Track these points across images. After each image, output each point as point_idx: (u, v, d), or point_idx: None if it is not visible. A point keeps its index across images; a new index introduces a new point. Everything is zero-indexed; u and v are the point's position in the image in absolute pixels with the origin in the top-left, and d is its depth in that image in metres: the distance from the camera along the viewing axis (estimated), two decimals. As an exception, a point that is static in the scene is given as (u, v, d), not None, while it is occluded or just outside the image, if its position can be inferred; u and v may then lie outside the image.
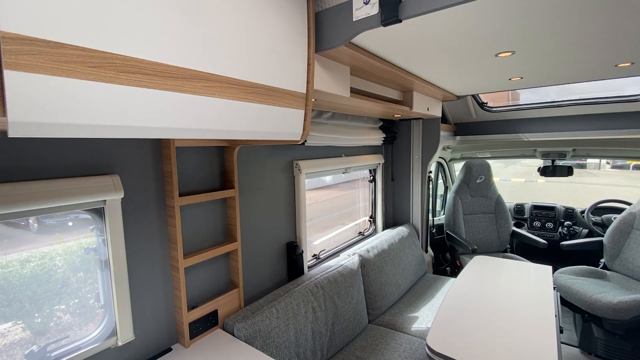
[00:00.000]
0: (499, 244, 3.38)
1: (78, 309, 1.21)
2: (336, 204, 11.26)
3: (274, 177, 1.86)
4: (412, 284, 2.75)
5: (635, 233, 2.68)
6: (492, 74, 1.91)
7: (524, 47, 1.38)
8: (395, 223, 3.23)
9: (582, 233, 3.44)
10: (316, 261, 2.28)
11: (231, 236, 1.60)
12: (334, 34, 1.15)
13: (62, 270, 1.17)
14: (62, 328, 1.18)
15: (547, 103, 2.99)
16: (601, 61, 1.65)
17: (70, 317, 1.20)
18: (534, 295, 1.88)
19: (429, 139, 2.99)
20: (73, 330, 1.20)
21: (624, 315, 2.20)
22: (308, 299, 1.76)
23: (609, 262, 2.81)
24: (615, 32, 1.21)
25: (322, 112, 2.11)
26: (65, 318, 1.20)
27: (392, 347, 1.90)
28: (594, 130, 2.81)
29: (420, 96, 2.38)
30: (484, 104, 3.29)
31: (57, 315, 1.18)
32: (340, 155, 2.48)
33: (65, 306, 1.21)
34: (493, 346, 1.42)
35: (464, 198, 3.44)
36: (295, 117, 1.18)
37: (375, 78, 1.89)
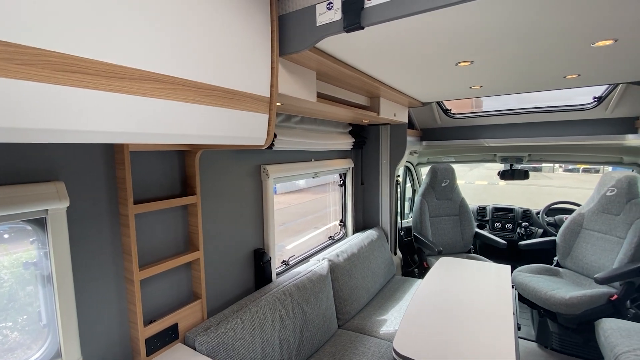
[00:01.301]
0: (463, 245, 3.51)
1: (26, 326, 1.10)
2: (309, 207, 11.23)
3: (240, 182, 1.81)
4: (381, 287, 2.78)
5: (584, 232, 2.90)
6: (454, 82, 1.99)
7: (482, 58, 1.45)
8: (365, 226, 3.26)
9: (538, 233, 3.67)
10: (285, 267, 2.24)
11: (193, 245, 1.52)
12: (297, 38, 1.14)
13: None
14: (8, 348, 1.07)
15: (505, 110, 3.17)
16: (551, 73, 1.77)
17: (19, 334, 1.09)
18: (494, 294, 1.96)
19: (396, 144, 3.05)
20: (22, 349, 1.09)
21: (575, 310, 2.36)
22: (275, 307, 1.71)
23: (561, 260, 3.00)
24: (563, 47, 1.30)
25: (291, 116, 2.08)
26: (12, 336, 1.09)
27: (360, 351, 1.90)
28: (547, 136, 3.01)
29: (387, 102, 2.43)
30: (448, 111, 3.43)
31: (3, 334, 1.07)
32: (309, 159, 2.46)
33: (13, 323, 1.09)
34: (456, 345, 1.46)
35: (430, 201, 3.54)
36: (259, 121, 1.15)
37: (342, 84, 1.90)
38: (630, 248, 2.43)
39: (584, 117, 2.89)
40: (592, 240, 2.81)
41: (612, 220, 2.70)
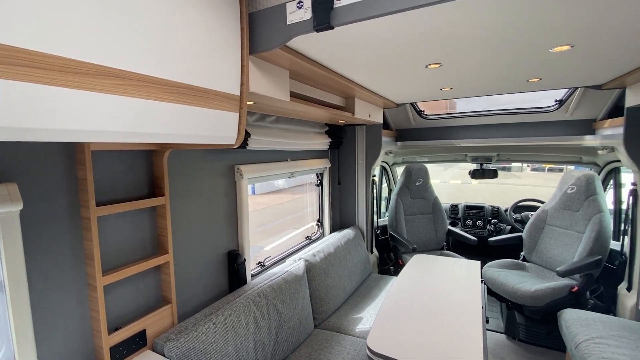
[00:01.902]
0: (437, 242, 3.62)
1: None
2: (289, 207, 11.16)
3: (212, 182, 1.77)
4: (357, 285, 2.80)
5: (547, 228, 3.06)
6: (425, 84, 2.04)
7: (451, 60, 1.49)
8: (342, 226, 3.28)
9: (506, 229, 3.84)
10: (261, 269, 2.21)
11: (162, 248, 1.47)
12: (268, 36, 1.13)
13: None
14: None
15: (475, 112, 3.29)
16: (515, 76, 1.85)
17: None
18: (465, 289, 2.03)
19: (372, 144, 3.10)
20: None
21: (539, 302, 2.48)
22: (250, 309, 1.69)
23: (527, 255, 3.16)
24: (524, 51, 1.36)
25: (265, 116, 2.06)
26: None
27: (336, 350, 1.91)
28: (513, 137, 3.15)
29: (362, 103, 2.46)
30: (422, 112, 3.52)
31: None
32: (285, 159, 2.45)
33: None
34: (427, 340, 1.49)
35: (404, 200, 3.62)
36: (229, 120, 1.12)
37: (317, 84, 1.90)
38: (589, 242, 2.58)
39: (547, 119, 3.05)
40: (555, 235, 2.97)
41: (573, 216, 2.87)
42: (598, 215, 2.63)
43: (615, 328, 2.03)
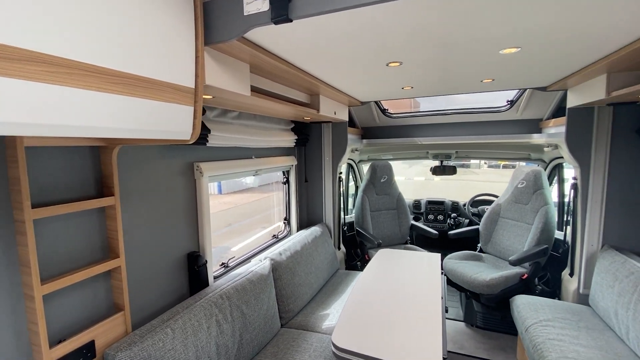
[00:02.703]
0: (401, 237, 3.73)
1: None
2: (257, 206, 10.92)
3: (169, 181, 1.67)
4: (325, 282, 2.81)
5: (501, 220, 3.26)
6: (387, 83, 2.08)
7: (410, 59, 1.53)
8: (309, 223, 3.27)
9: (465, 223, 4.05)
10: (224, 270, 2.14)
11: (112, 252, 1.37)
12: (224, 26, 1.08)
13: None
14: None
15: (435, 111, 3.43)
16: (470, 76, 1.94)
17: None
18: (426, 281, 2.10)
19: (338, 142, 3.11)
20: None
21: (494, 290, 2.64)
22: (211, 312, 1.63)
23: (483, 246, 3.35)
24: (476, 52, 1.43)
25: (227, 111, 1.99)
26: None
27: (303, 348, 1.90)
28: (470, 135, 3.32)
29: (327, 100, 2.46)
30: (386, 110, 3.60)
31: None
32: (250, 156, 2.39)
33: None
34: (391, 333, 1.53)
35: (370, 196, 3.69)
36: (183, 114, 1.06)
37: (281, 79, 1.86)
38: (537, 232, 2.79)
39: (500, 119, 3.25)
40: (507, 227, 3.17)
41: (522, 209, 3.08)
42: (544, 208, 2.85)
43: (560, 311, 2.21)
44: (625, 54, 1.40)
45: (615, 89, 1.74)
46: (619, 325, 1.92)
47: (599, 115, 2.25)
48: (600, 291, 2.15)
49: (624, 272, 1.98)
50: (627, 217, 2.25)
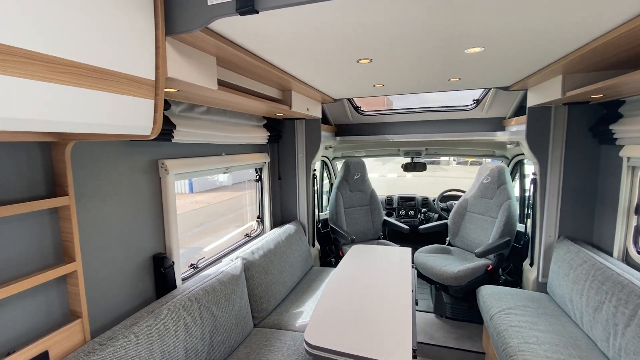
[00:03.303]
0: (374, 232, 3.79)
1: None
2: (231, 205, 10.69)
3: (132, 179, 1.58)
4: (299, 280, 2.80)
5: (468, 215, 3.40)
6: (358, 80, 2.09)
7: (380, 56, 1.54)
8: (283, 221, 3.24)
9: (434, 217, 4.18)
10: (193, 271, 2.07)
11: (67, 256, 1.27)
12: (187, 16, 1.02)
13: None
14: None
15: (406, 109, 3.50)
16: (438, 75, 1.99)
17: None
18: (397, 275, 2.15)
19: (311, 139, 3.10)
20: None
21: (462, 282, 2.75)
22: (179, 315, 1.56)
23: (452, 240, 3.48)
24: (442, 51, 1.46)
25: (194, 106, 1.91)
26: None
27: (276, 347, 1.88)
28: (439, 133, 3.42)
29: (299, 96, 2.43)
30: (358, 108, 3.62)
31: None
32: (220, 153, 2.31)
33: None
34: (362, 327, 1.54)
35: (344, 193, 3.72)
36: (142, 108, 1.00)
37: (252, 74, 1.82)
38: (500, 225, 2.94)
39: (466, 117, 3.37)
40: (474, 221, 3.31)
41: (488, 203, 3.23)
42: (507, 202, 3.00)
43: (521, 299, 2.34)
44: (578, 56, 1.49)
45: (569, 89, 1.85)
46: (573, 310, 2.07)
47: (556, 114, 2.39)
48: (557, 279, 2.29)
49: (577, 261, 2.13)
50: (580, 209, 2.42)
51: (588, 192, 2.39)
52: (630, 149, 1.96)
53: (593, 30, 1.21)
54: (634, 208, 2.01)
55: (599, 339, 1.79)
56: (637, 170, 2.00)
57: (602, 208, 2.30)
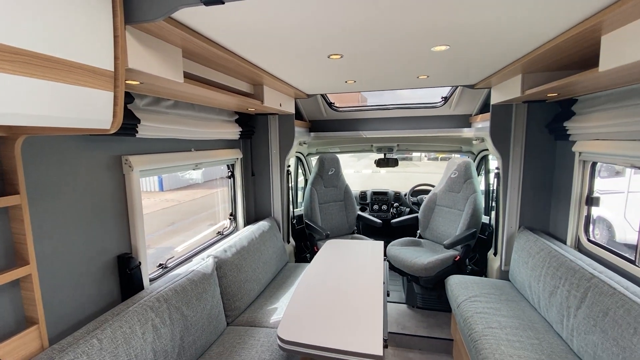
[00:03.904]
0: (348, 227, 3.84)
1: None
2: (203, 203, 10.42)
3: (92, 176, 1.50)
4: (274, 276, 2.79)
5: (437, 208, 3.53)
6: (330, 75, 2.09)
7: (350, 52, 1.55)
8: (257, 218, 3.20)
9: (406, 211, 4.30)
10: (162, 271, 2.00)
11: (20, 259, 1.19)
12: (148, 4, 0.98)
13: None
14: None
15: (378, 106, 3.56)
16: (407, 72, 2.04)
17: None
18: (369, 267, 2.19)
19: (285, 134, 3.08)
20: None
21: (431, 272, 2.86)
22: (147, 317, 1.51)
23: (422, 232, 3.60)
24: (410, 48, 1.50)
25: (161, 100, 1.84)
26: None
27: (249, 344, 1.86)
28: (410, 129, 3.51)
29: (272, 91, 2.40)
30: (332, 104, 3.64)
31: None
32: (189, 149, 2.24)
33: None
34: (335, 320, 1.56)
35: (319, 189, 3.73)
36: (101, 100, 0.95)
37: (222, 68, 1.77)
38: (467, 218, 3.07)
39: (435, 114, 3.49)
40: (443, 214, 3.45)
41: (455, 196, 3.37)
42: (473, 195, 3.15)
43: (485, 287, 2.47)
44: (535, 57, 1.58)
45: (528, 87, 1.96)
46: (532, 295, 2.21)
47: (517, 112, 2.53)
48: (517, 267, 2.44)
49: (535, 249, 2.27)
50: (538, 201, 2.58)
51: (545, 185, 2.55)
52: (581, 145, 2.11)
53: (547, 33, 1.29)
54: (585, 199, 2.18)
55: (554, 321, 1.92)
56: (588, 164, 2.16)
57: (557, 200, 2.47)
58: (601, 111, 1.87)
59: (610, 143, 1.83)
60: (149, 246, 1.83)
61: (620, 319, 1.44)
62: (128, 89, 1.48)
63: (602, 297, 1.59)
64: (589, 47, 1.40)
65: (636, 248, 1.79)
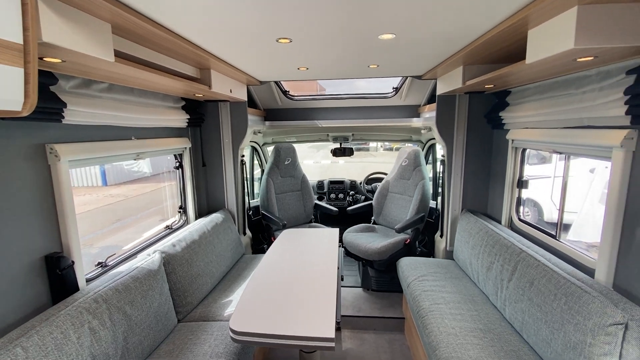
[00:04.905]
0: (306, 217, 3.86)
1: None
2: (154, 197, 9.84)
3: (9, 168, 1.32)
4: (229, 269, 2.72)
5: (390, 195, 3.67)
6: (282, 61, 2.05)
7: (299, 37, 1.52)
8: (209, 210, 3.08)
9: (361, 199, 4.43)
10: (101, 270, 1.84)
11: None
12: (63, -32, 0.86)
13: None
14: None
15: (332, 95, 3.58)
16: (358, 61, 2.06)
17: None
18: (324, 254, 2.23)
19: (237, 123, 2.97)
20: None
21: (384, 256, 2.98)
22: (82, 319, 1.38)
23: (376, 218, 3.73)
24: (358, 35, 1.51)
25: (92, 82, 1.65)
26: None
27: (202, 339, 1.80)
28: (363, 119, 3.59)
29: (220, 76, 2.29)
30: (287, 92, 3.58)
31: None
32: (129, 137, 2.07)
33: None
34: (289, 308, 1.57)
35: (275, 179, 3.68)
36: (6, 77, 0.82)
37: (163, 49, 1.64)
38: (416, 203, 3.24)
39: (387, 104, 3.59)
40: (394, 200, 3.60)
41: (406, 183, 3.53)
42: (422, 182, 3.32)
43: (433, 267, 2.64)
44: (474, 49, 1.68)
45: (469, 78, 2.09)
46: (472, 272, 2.41)
47: (460, 102, 2.69)
48: (460, 247, 2.64)
49: (475, 230, 2.47)
50: (479, 186, 2.80)
51: (484, 171, 2.77)
52: (513, 133, 2.31)
53: (481, 26, 1.37)
54: (516, 183, 2.40)
55: (490, 293, 2.12)
56: (519, 151, 2.38)
57: (494, 184, 2.69)
58: (530, 102, 2.05)
59: (536, 131, 2.03)
60: (91, 245, 1.67)
61: (543, 287, 1.63)
62: (48, 68, 1.31)
63: (529, 269, 1.78)
64: (519, 41, 1.52)
65: (557, 225, 2.03)
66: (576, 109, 1.62)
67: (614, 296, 1.34)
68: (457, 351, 1.67)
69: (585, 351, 1.30)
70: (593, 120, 1.54)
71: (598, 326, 1.28)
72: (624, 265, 1.42)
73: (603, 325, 1.26)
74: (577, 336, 1.35)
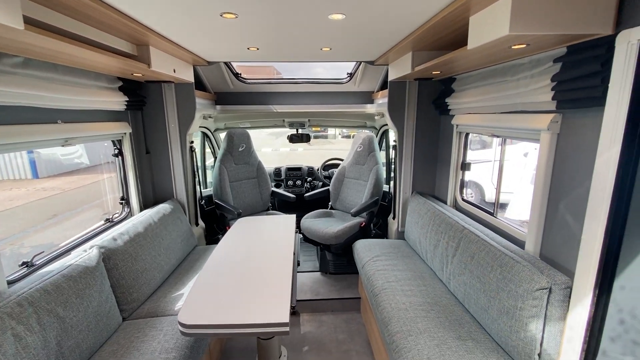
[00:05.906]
0: (262, 204, 3.79)
1: None
2: (93, 190, 9.05)
3: None
4: (180, 262, 2.58)
5: (346, 180, 3.73)
6: (228, 39, 1.93)
7: (245, 12, 1.43)
8: (156, 201, 2.88)
9: (319, 185, 4.45)
10: (27, 271, 1.64)
11: None
12: None
13: None
14: None
15: (286, 79, 3.49)
16: (310, 42, 2.01)
17: None
18: (281, 241, 2.20)
19: (184, 106, 2.78)
20: None
21: (340, 240, 3.04)
22: (4, 326, 1.22)
23: (333, 204, 3.78)
24: (307, 14, 1.46)
25: (2, 55, 1.42)
26: None
27: (150, 336, 1.70)
28: (319, 104, 3.56)
29: (162, 54, 2.10)
30: (239, 75, 3.42)
31: None
32: (54, 121, 1.83)
33: None
34: (243, 297, 1.53)
35: (229, 166, 3.54)
36: None
37: (91, 20, 1.45)
38: (371, 187, 3.33)
39: (342, 90, 3.60)
40: (350, 185, 3.67)
41: (361, 169, 3.60)
42: (376, 167, 3.41)
43: (386, 247, 2.75)
44: (421, 34, 1.71)
45: (417, 64, 2.15)
46: (422, 250, 2.55)
47: (410, 89, 2.77)
48: (410, 227, 2.77)
49: (424, 210, 2.60)
50: (427, 169, 2.94)
51: (432, 155, 2.91)
52: (458, 118, 2.44)
53: (426, 11, 1.40)
54: (460, 165, 2.56)
55: (437, 269, 2.26)
56: (462, 135, 2.52)
57: (441, 167, 2.85)
58: (472, 88, 2.17)
59: (478, 116, 2.16)
60: (21, 245, 1.46)
61: (482, 260, 1.77)
62: None
63: (470, 245, 1.92)
64: (462, 27, 1.58)
65: (494, 204, 2.20)
66: (511, 94, 1.74)
67: (540, 264, 1.49)
68: (407, 324, 1.77)
69: (516, 315, 1.44)
70: (526, 105, 1.67)
71: (527, 292, 1.42)
72: (548, 236, 1.58)
73: (531, 291, 1.40)
74: (509, 302, 1.49)
